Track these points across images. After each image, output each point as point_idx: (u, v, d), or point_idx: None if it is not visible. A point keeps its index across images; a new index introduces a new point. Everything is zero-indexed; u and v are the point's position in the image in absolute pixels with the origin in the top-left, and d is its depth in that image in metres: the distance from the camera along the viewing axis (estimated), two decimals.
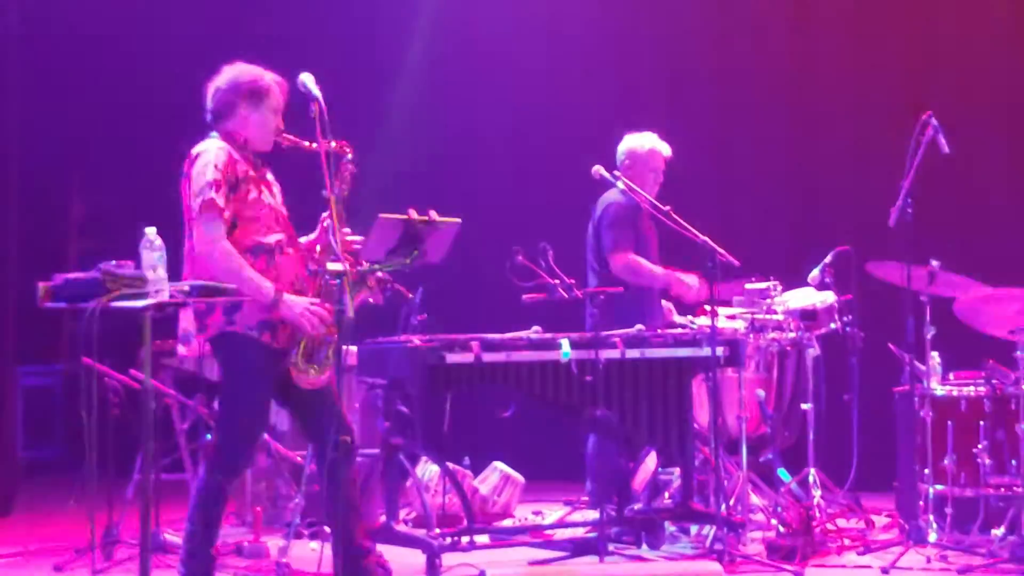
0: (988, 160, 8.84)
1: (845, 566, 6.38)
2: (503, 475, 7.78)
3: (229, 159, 5.28)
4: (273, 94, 5.39)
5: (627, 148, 7.38)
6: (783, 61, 9.51)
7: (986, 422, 6.68)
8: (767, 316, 7.15)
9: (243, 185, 5.28)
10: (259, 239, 5.29)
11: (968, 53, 9.06)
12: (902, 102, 8.46)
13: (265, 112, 5.38)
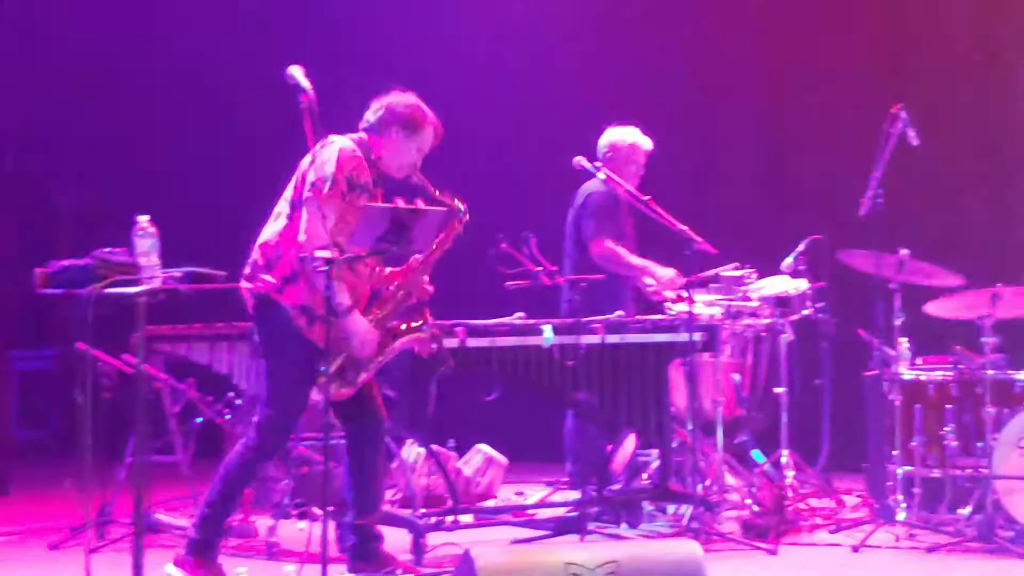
0: (956, 151, 8.86)
1: (817, 544, 6.41)
2: (486, 457, 7.79)
3: (359, 161, 5.36)
4: (425, 135, 5.54)
5: (609, 141, 7.39)
6: (757, 54, 9.52)
7: (953, 405, 6.70)
8: (742, 303, 7.15)
9: (359, 191, 5.34)
10: (345, 244, 5.26)
11: (938, 45, 9.07)
12: (873, 95, 8.46)
13: (408, 145, 5.51)
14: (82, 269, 4.51)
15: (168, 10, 9.85)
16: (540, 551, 4.75)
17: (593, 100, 9.29)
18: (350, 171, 5.32)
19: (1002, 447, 6.32)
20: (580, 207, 7.26)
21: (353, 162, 5.34)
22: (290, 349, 5.32)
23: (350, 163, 5.33)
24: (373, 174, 5.46)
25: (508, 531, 6.55)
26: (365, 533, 5.54)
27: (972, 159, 9.01)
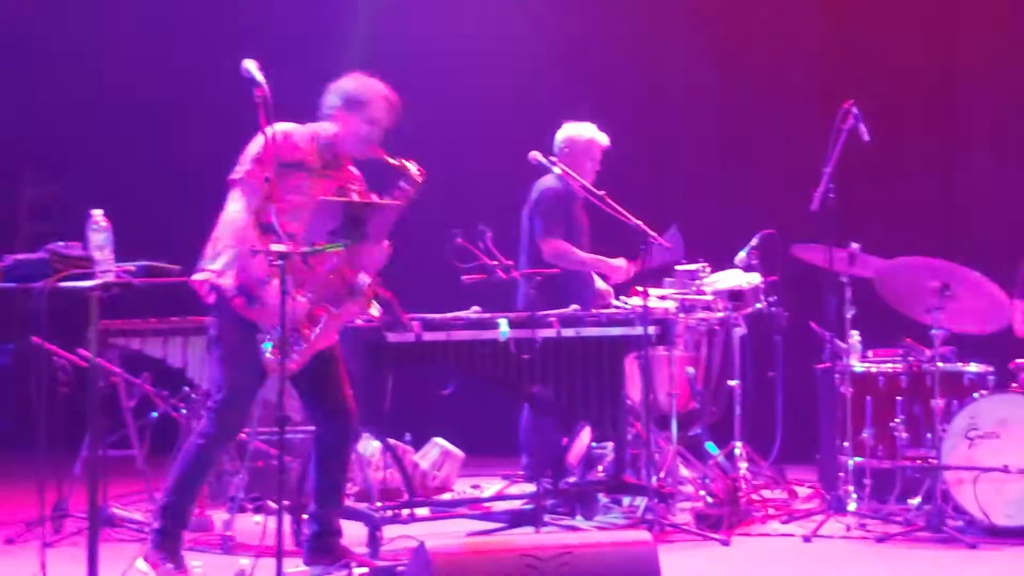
0: (906, 147, 8.93)
1: (769, 534, 6.44)
2: (443, 450, 7.78)
3: (284, 141, 5.31)
4: (374, 108, 5.51)
5: (566, 136, 7.38)
6: (711, 52, 9.55)
7: (903, 397, 6.75)
8: (696, 297, 7.19)
9: (294, 169, 5.30)
10: (275, 222, 5.20)
11: (888, 43, 9.13)
12: (824, 92, 8.51)
13: (360, 122, 5.48)
14: (36, 263, 4.47)
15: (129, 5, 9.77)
16: (495, 543, 4.74)
17: (549, 95, 9.28)
18: (277, 151, 5.24)
19: (951, 438, 6.37)
20: (534, 204, 7.26)
21: (281, 142, 5.28)
22: (234, 332, 5.28)
23: (277, 143, 5.24)
24: (326, 158, 5.42)
25: (465, 524, 6.54)
26: (325, 526, 5.51)
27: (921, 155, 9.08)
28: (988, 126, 8.96)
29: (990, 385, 6.72)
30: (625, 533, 5.40)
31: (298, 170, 5.33)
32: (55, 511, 6.35)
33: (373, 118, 5.50)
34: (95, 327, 4.53)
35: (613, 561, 4.28)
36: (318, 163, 5.41)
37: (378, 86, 5.59)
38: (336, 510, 5.61)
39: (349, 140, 5.50)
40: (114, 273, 4.50)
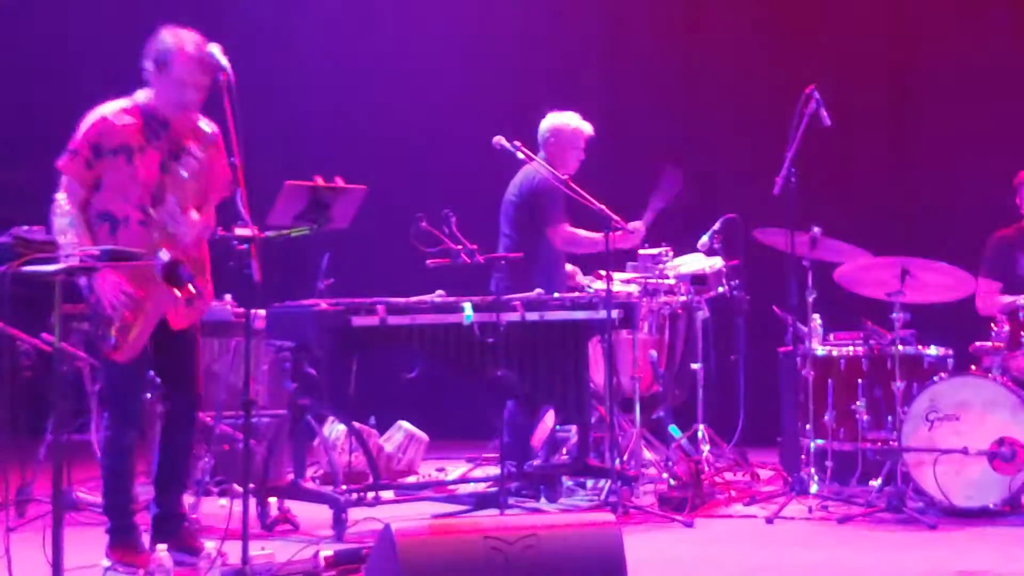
0: (866, 132, 8.97)
1: (732, 516, 6.48)
2: (407, 434, 7.77)
3: (101, 126, 5.19)
4: (180, 65, 5.18)
5: (551, 125, 7.28)
6: (674, 37, 9.57)
7: (864, 380, 6.80)
8: (659, 280, 7.21)
9: (113, 153, 5.18)
10: (110, 208, 5.19)
11: (849, 28, 9.17)
12: (786, 76, 8.54)
13: (170, 84, 5.21)
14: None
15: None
16: (460, 525, 4.75)
17: (511, 81, 9.28)
18: (95, 138, 5.18)
19: (911, 420, 6.42)
20: (532, 192, 7.10)
21: (97, 128, 5.19)
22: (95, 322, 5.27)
23: (93, 130, 5.19)
24: (145, 128, 5.22)
25: (429, 506, 6.55)
26: (165, 510, 5.45)
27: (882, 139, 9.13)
28: (945, 109, 9.00)
29: (950, 368, 6.78)
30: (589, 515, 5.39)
31: (119, 154, 5.19)
32: (18, 495, 6.31)
33: (183, 80, 5.20)
34: (59, 311, 4.49)
35: (577, 543, 4.29)
36: (142, 139, 5.22)
37: (185, 40, 5.21)
38: (177, 494, 5.51)
39: (165, 105, 5.25)
40: (78, 258, 4.47)
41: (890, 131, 9.17)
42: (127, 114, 5.24)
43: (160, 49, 5.24)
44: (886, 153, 9.15)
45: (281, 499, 6.27)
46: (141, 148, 5.21)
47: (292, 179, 5.46)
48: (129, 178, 5.19)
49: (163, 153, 5.26)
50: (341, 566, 5.15)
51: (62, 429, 4.91)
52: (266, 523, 6.15)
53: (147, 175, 5.21)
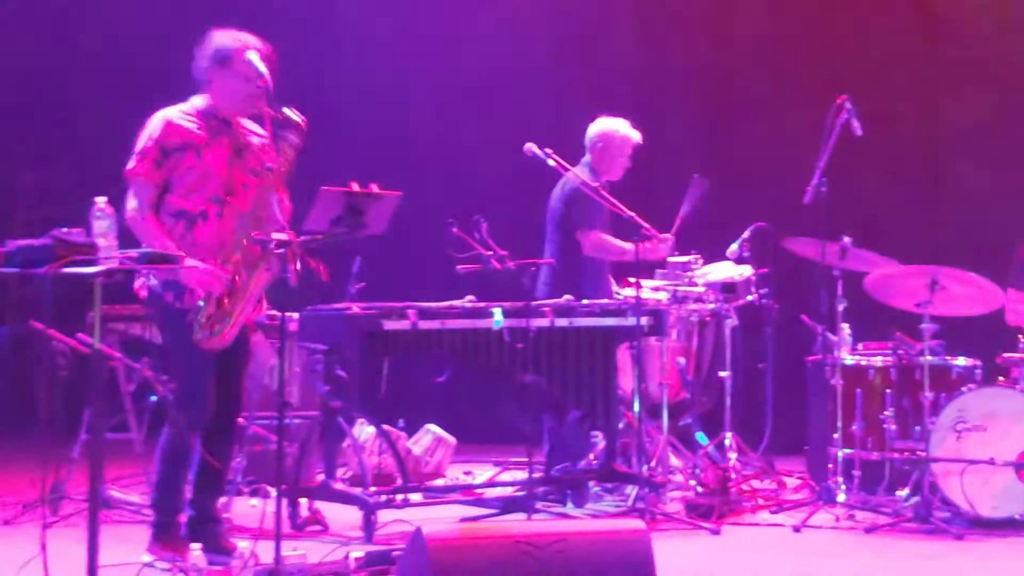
0: (899, 141, 8.96)
1: (759, 524, 6.48)
2: (436, 437, 7.81)
3: (166, 128, 5.28)
4: (242, 61, 5.27)
5: (600, 131, 7.30)
6: (705, 43, 9.57)
7: (892, 390, 6.80)
8: (688, 288, 7.22)
9: (181, 152, 5.27)
10: (183, 205, 5.28)
11: (881, 36, 9.16)
12: (818, 86, 8.54)
13: (235, 80, 5.31)
14: (39, 249, 4.46)
15: None
16: (491, 529, 4.78)
17: (544, 88, 9.31)
18: (161, 138, 5.27)
19: (939, 431, 6.41)
20: (568, 197, 7.14)
21: (163, 129, 5.29)
22: (172, 327, 5.33)
23: (159, 131, 5.28)
24: (213, 127, 5.33)
25: (457, 509, 6.58)
26: (201, 513, 5.49)
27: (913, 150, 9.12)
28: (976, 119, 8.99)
29: (978, 379, 6.77)
30: (619, 521, 5.43)
31: (186, 151, 5.29)
32: (53, 493, 6.37)
33: (249, 73, 5.26)
34: (98, 313, 4.55)
35: (607, 548, 4.31)
36: (205, 138, 5.33)
37: (244, 37, 5.35)
38: (214, 497, 5.57)
39: (228, 101, 5.36)
40: (117, 260, 4.51)
41: (923, 141, 9.15)
42: (188, 116, 5.35)
43: (219, 47, 5.35)
44: (919, 163, 9.13)
45: (311, 500, 6.32)
46: (207, 144, 5.32)
47: (328, 185, 5.51)
48: (200, 173, 5.29)
49: (229, 149, 5.36)
50: (371, 567, 5.19)
51: (97, 428, 4.96)
52: (297, 523, 6.20)
53: (218, 169, 5.32)
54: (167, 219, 5.29)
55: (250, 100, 5.30)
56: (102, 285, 4.52)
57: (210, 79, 5.37)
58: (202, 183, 5.30)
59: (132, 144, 5.35)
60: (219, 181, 5.32)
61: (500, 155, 7.77)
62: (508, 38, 9.71)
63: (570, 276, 6.99)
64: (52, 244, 4.45)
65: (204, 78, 5.38)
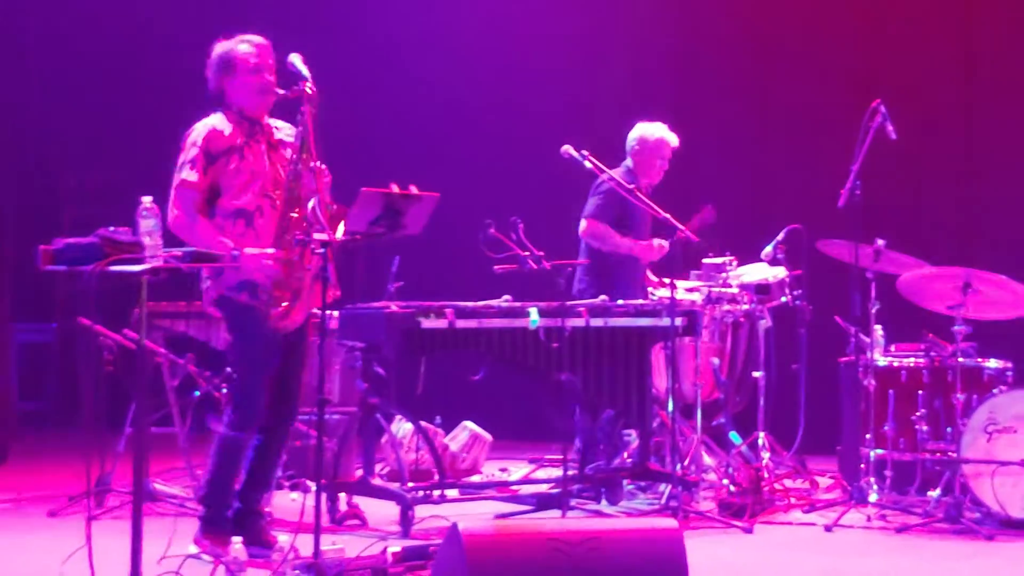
0: (932, 145, 8.91)
1: (791, 523, 6.47)
2: (472, 434, 7.83)
3: (210, 134, 5.36)
4: (242, 59, 5.39)
5: (638, 135, 7.36)
6: (742, 49, 9.54)
7: (924, 391, 6.77)
8: (723, 289, 7.21)
9: (226, 156, 5.35)
10: (239, 204, 5.35)
11: (916, 41, 9.11)
12: (852, 90, 8.52)
13: (243, 76, 5.40)
14: (86, 247, 4.51)
15: None
16: (525, 527, 4.79)
17: (583, 91, 9.31)
18: (205, 144, 5.34)
19: (970, 432, 6.38)
20: (593, 188, 7.23)
21: (206, 136, 5.36)
22: (243, 322, 5.38)
23: (203, 138, 5.35)
24: (241, 129, 5.41)
25: (492, 505, 6.59)
26: (247, 506, 5.54)
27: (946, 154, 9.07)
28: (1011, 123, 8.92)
29: (1009, 381, 6.72)
30: (652, 520, 5.43)
31: (230, 154, 5.37)
32: (98, 485, 6.44)
33: (251, 67, 5.38)
34: (143, 310, 4.59)
35: (639, 548, 4.31)
36: (244, 139, 5.41)
37: (239, 38, 5.45)
38: (261, 493, 5.63)
39: (247, 100, 5.43)
40: (162, 259, 4.56)
41: (956, 145, 9.09)
42: (226, 121, 5.43)
43: (219, 55, 5.45)
44: (952, 167, 9.07)
45: (350, 495, 6.35)
46: (247, 144, 5.40)
47: (367, 186, 5.54)
48: (249, 172, 5.37)
49: (265, 145, 5.45)
50: (408, 562, 5.21)
51: (142, 422, 5.00)
52: (336, 518, 6.23)
53: (260, 166, 5.40)
54: (224, 221, 5.35)
55: (264, 91, 5.38)
56: (147, 282, 4.57)
57: (223, 88, 5.46)
58: (251, 181, 5.38)
59: (176, 154, 5.40)
60: (265, 178, 5.40)
61: (537, 157, 7.78)
62: (547, 40, 9.71)
63: (604, 276, 7.02)
64: (99, 243, 4.50)
65: (218, 90, 5.47)
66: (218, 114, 5.46)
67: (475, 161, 9.64)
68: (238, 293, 5.34)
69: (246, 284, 5.32)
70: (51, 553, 5.20)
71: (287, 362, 5.48)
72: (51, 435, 9.37)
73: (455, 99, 9.83)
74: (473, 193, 8.77)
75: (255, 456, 5.53)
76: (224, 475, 5.46)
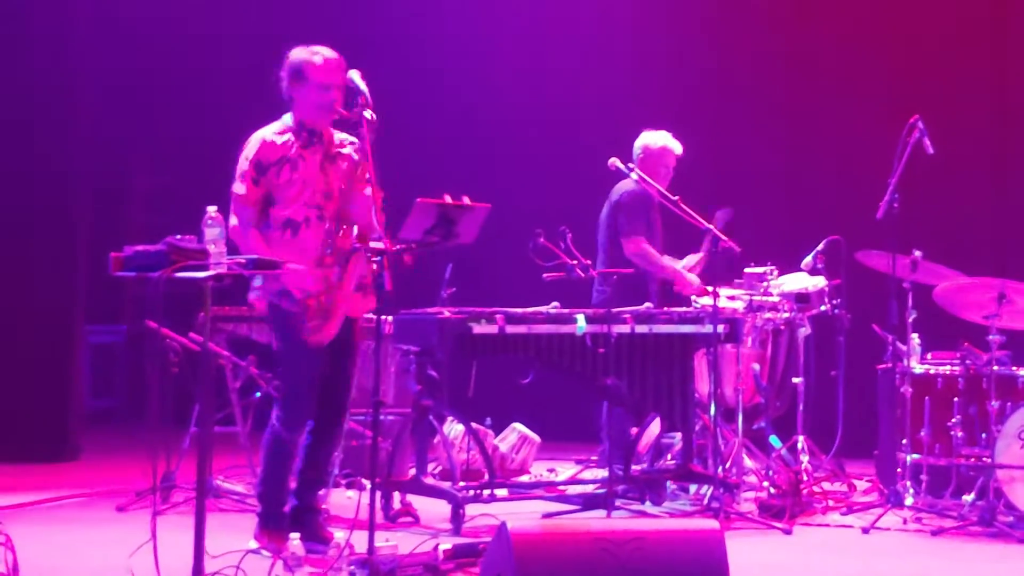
0: (968, 159, 8.81)
1: (829, 525, 6.41)
2: (521, 435, 7.81)
3: (261, 147, 5.37)
4: (315, 71, 5.38)
5: (642, 144, 7.39)
6: (782, 65, 9.47)
7: (960, 398, 6.69)
8: (764, 297, 7.16)
9: (278, 166, 5.36)
10: (288, 213, 5.36)
11: (952, 58, 9.01)
12: (891, 104, 8.43)
13: (311, 90, 5.39)
14: (155, 254, 4.54)
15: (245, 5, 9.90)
16: (572, 526, 4.77)
17: (628, 104, 9.27)
18: (256, 156, 5.36)
19: (1004, 438, 6.30)
20: (615, 204, 7.29)
21: (258, 148, 5.37)
22: (284, 329, 5.41)
23: (255, 150, 5.36)
24: (298, 140, 5.41)
25: (540, 505, 6.57)
26: (303, 502, 5.55)
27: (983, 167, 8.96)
28: None
29: None
30: (694, 521, 5.39)
31: (282, 165, 5.37)
32: (164, 482, 6.47)
33: (321, 83, 5.38)
34: (207, 314, 4.62)
35: (682, 548, 4.28)
36: (300, 148, 5.41)
37: (315, 50, 5.44)
38: (316, 490, 5.62)
39: (310, 112, 5.42)
40: (226, 265, 4.58)
41: (991, 160, 8.98)
42: (281, 133, 5.44)
43: (293, 63, 5.45)
44: (987, 181, 8.97)
45: (403, 493, 6.35)
46: (300, 156, 5.41)
47: (422, 196, 5.54)
48: (300, 183, 5.38)
49: (321, 156, 5.45)
50: (459, 559, 5.21)
51: (206, 422, 5.02)
52: (389, 515, 6.23)
53: (312, 177, 5.40)
54: (275, 229, 5.37)
55: (327, 108, 5.38)
56: (211, 288, 4.59)
57: (291, 95, 5.47)
58: (302, 192, 5.38)
59: (234, 164, 5.43)
60: (315, 188, 5.40)
61: (586, 169, 7.76)
62: (596, 57, 9.70)
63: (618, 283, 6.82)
64: (166, 250, 4.53)
65: (287, 96, 5.48)
66: (279, 122, 5.46)
67: (526, 173, 9.63)
68: (280, 299, 5.37)
69: (285, 292, 5.35)
70: (119, 547, 5.23)
71: (335, 365, 5.48)
72: (120, 432, 9.43)
73: (507, 114, 9.82)
74: (524, 204, 8.77)
75: (306, 456, 5.54)
76: (276, 473, 5.47)
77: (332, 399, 5.53)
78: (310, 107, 5.42)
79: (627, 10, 9.73)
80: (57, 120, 8.51)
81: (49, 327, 8.43)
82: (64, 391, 8.48)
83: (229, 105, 9.21)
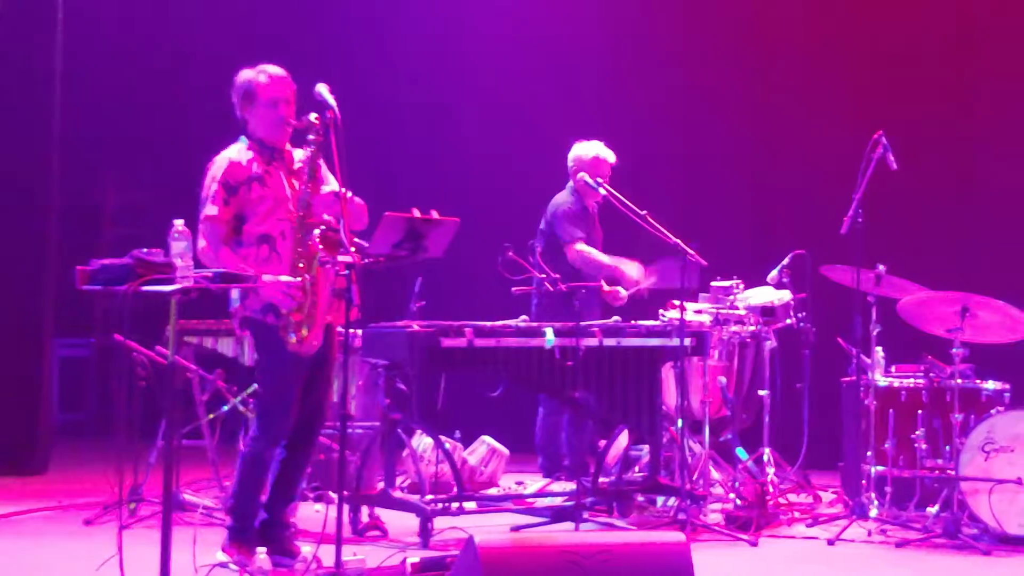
0: (932, 175, 8.84)
1: (795, 536, 6.40)
2: (490, 448, 7.78)
3: (228, 167, 5.30)
4: (262, 89, 5.33)
5: (574, 155, 7.49)
6: (747, 78, 9.50)
7: (924, 411, 6.70)
8: (730, 311, 7.16)
9: (247, 185, 5.29)
10: (263, 229, 5.30)
11: (916, 74, 9.05)
12: (855, 120, 8.46)
13: (261, 108, 5.34)
14: (121, 268, 4.49)
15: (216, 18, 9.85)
16: (540, 539, 4.74)
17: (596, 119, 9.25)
18: (224, 176, 5.29)
19: (968, 451, 6.30)
20: (552, 215, 7.36)
21: (223, 169, 5.30)
22: (268, 342, 5.33)
23: (222, 171, 5.30)
24: (261, 158, 5.35)
25: (509, 517, 6.53)
26: (272, 516, 5.47)
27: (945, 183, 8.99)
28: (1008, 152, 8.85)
29: (1007, 401, 6.65)
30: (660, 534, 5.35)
31: (251, 183, 5.30)
32: (131, 495, 6.39)
33: (270, 99, 5.32)
34: (174, 327, 4.57)
35: (649, 560, 4.26)
36: (265, 165, 5.35)
37: (260, 68, 5.39)
38: (286, 504, 5.54)
39: (266, 129, 5.36)
40: (192, 279, 4.53)
41: (955, 175, 9.01)
42: (246, 150, 5.38)
43: (240, 85, 5.40)
44: (951, 196, 9.00)
45: (372, 506, 6.30)
46: (267, 172, 5.35)
47: (390, 210, 5.50)
48: (272, 199, 5.32)
49: (284, 171, 5.39)
50: (427, 572, 5.16)
51: (173, 435, 4.96)
52: (357, 529, 6.18)
53: (281, 193, 5.34)
54: (249, 246, 5.30)
55: (279, 123, 5.32)
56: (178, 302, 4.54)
57: (244, 116, 5.41)
58: (275, 207, 5.32)
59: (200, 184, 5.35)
60: (286, 203, 5.34)
61: (555, 184, 7.75)
62: (563, 70, 9.69)
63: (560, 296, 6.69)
64: (132, 264, 4.48)
65: (241, 117, 5.43)
66: (238, 143, 5.40)
67: (495, 187, 9.61)
68: (263, 315, 5.29)
69: (270, 307, 5.27)
70: (86, 560, 5.17)
71: (313, 380, 5.43)
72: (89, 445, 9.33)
73: (477, 128, 9.80)
74: (492, 218, 8.75)
75: (280, 470, 5.47)
76: (249, 487, 5.40)
77: (310, 414, 5.46)
78: (265, 125, 5.36)
79: (595, 26, 9.72)
80: (28, 135, 8.43)
81: (18, 340, 8.33)
82: (33, 404, 8.38)
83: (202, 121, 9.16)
